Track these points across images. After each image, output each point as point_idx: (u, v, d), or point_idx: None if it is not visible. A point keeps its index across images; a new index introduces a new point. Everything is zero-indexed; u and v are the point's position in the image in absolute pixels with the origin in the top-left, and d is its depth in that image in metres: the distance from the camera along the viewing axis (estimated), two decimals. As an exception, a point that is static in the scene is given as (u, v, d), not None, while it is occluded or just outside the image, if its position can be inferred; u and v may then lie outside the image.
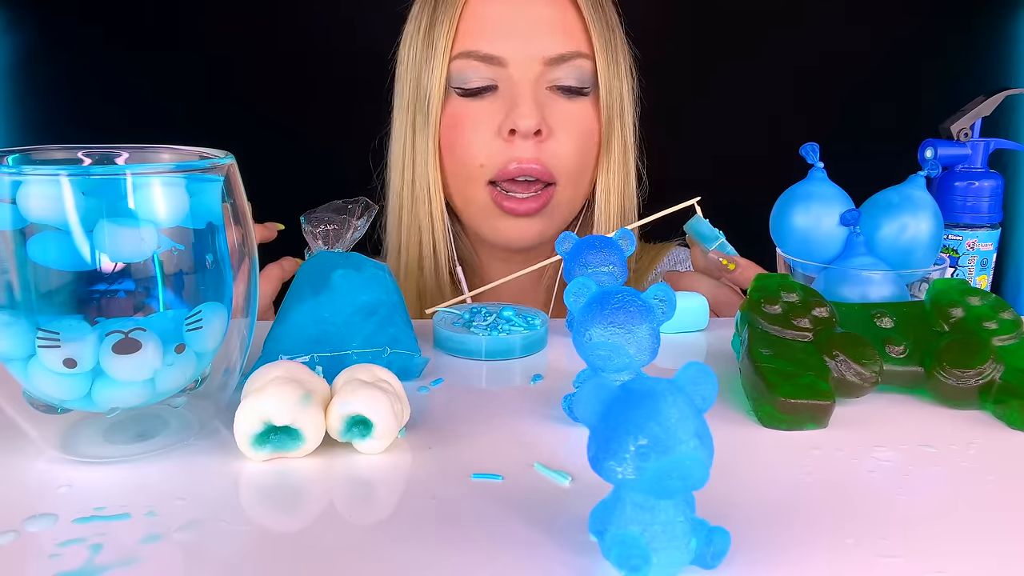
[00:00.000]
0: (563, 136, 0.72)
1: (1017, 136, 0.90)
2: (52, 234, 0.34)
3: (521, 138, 0.70)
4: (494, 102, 0.72)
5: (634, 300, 0.36)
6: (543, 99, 0.72)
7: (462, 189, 0.75)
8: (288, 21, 1.12)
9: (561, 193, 0.74)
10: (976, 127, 0.73)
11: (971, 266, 0.73)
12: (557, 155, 0.72)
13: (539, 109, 0.70)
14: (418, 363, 0.49)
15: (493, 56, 0.71)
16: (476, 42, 0.71)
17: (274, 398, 0.37)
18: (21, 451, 0.38)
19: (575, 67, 0.72)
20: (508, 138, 0.71)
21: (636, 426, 0.26)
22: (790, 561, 0.31)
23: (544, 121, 0.71)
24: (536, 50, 0.71)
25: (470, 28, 0.71)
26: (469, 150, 0.72)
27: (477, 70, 0.71)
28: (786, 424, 0.42)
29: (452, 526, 0.33)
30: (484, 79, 0.72)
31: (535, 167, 0.71)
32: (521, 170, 0.71)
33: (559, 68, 0.72)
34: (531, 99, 0.70)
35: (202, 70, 1.10)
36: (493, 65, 0.71)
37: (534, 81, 0.71)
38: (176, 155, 0.41)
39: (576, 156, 0.73)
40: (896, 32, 1.10)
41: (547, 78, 0.72)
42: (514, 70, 0.71)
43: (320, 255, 0.51)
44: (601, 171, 0.76)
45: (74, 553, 0.30)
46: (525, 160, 0.71)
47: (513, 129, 0.70)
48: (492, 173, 0.72)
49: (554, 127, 0.72)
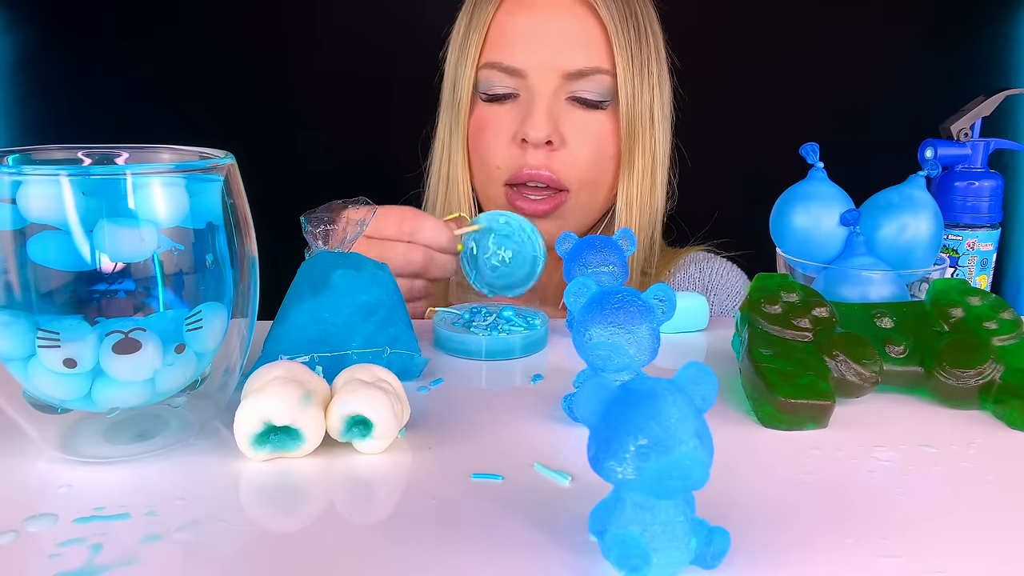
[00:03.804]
0: (576, 146, 0.75)
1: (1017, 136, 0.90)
2: (52, 234, 0.34)
3: (532, 147, 0.73)
4: (513, 109, 0.75)
5: (634, 300, 0.36)
6: (559, 110, 0.74)
7: (484, 187, 0.79)
8: (288, 21, 1.12)
9: (574, 199, 0.76)
10: (976, 127, 0.73)
11: (971, 266, 0.73)
12: (568, 164, 0.74)
13: (551, 120, 0.73)
14: (418, 363, 0.49)
15: (514, 68, 0.74)
16: (500, 53, 0.75)
17: (274, 398, 0.37)
18: (21, 451, 0.38)
19: (595, 82, 0.74)
20: (522, 145, 0.74)
21: (636, 426, 0.26)
22: (790, 561, 0.31)
23: (557, 131, 0.73)
24: (556, 64, 0.73)
25: (496, 39, 0.75)
26: (489, 153, 0.76)
27: (500, 79, 0.75)
28: (786, 424, 0.42)
29: (452, 526, 0.33)
30: (506, 88, 0.75)
31: (544, 174, 0.74)
32: (531, 176, 0.74)
33: (578, 82, 0.74)
34: (544, 110, 0.73)
35: (202, 70, 1.10)
36: (515, 76, 0.74)
37: (552, 93, 0.74)
38: (176, 155, 0.41)
39: (589, 166, 0.75)
40: (896, 32, 1.10)
41: (566, 90, 0.74)
42: (533, 81, 0.74)
43: (320, 255, 0.51)
44: (622, 182, 0.77)
45: (74, 553, 0.30)
46: (535, 167, 0.74)
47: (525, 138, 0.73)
48: (507, 176, 0.76)
49: (567, 137, 0.74)
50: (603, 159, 0.76)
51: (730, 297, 0.82)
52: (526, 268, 0.62)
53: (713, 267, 0.84)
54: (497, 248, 0.62)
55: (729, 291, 0.82)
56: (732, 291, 0.83)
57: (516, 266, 0.62)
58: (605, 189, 0.78)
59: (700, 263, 0.85)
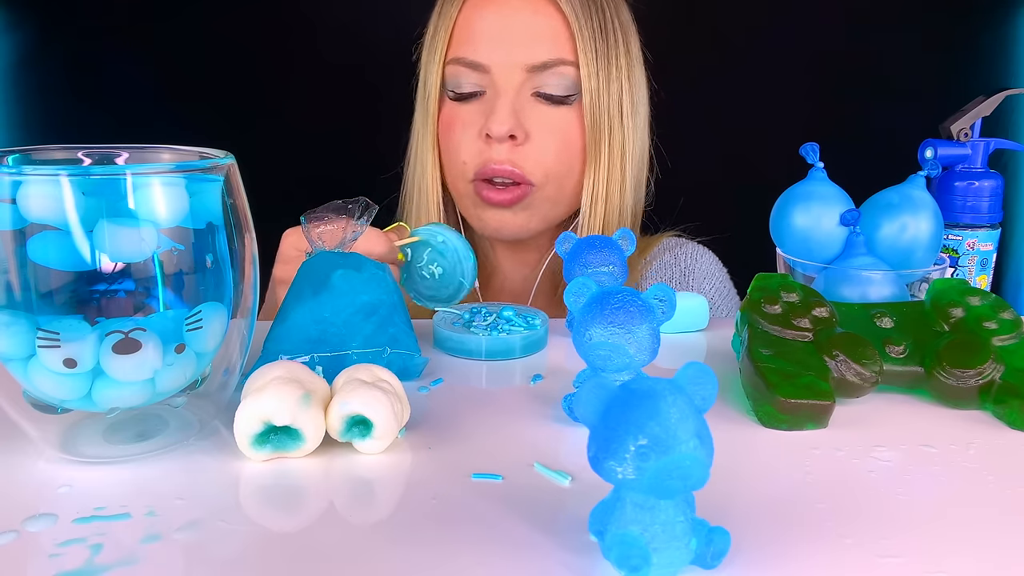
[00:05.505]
0: (540, 141, 0.75)
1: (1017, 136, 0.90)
2: (52, 234, 0.34)
3: (497, 141, 0.74)
4: (480, 106, 0.76)
5: (634, 300, 0.36)
6: (524, 105, 0.74)
7: (454, 183, 0.80)
8: (289, 21, 1.12)
9: (539, 192, 0.76)
10: (976, 127, 0.73)
11: (971, 266, 0.73)
12: (532, 159, 0.75)
13: (514, 115, 0.74)
14: (418, 363, 0.49)
15: (478, 63, 0.74)
16: (464, 49, 0.75)
17: (274, 398, 0.37)
18: (21, 451, 0.38)
19: (558, 74, 0.74)
20: (487, 141, 0.75)
21: (636, 426, 0.26)
22: (790, 561, 0.31)
23: (520, 126, 0.74)
24: (519, 58, 0.74)
25: (461, 36, 0.76)
26: (456, 150, 0.77)
27: (466, 76, 0.75)
28: (786, 424, 0.42)
29: (452, 526, 0.33)
30: (472, 85, 0.76)
31: (507, 168, 0.74)
32: (495, 171, 0.75)
33: (542, 75, 0.74)
34: (507, 106, 0.73)
35: (203, 70, 1.10)
36: (479, 72, 0.75)
37: (516, 88, 0.74)
38: (176, 155, 0.41)
39: (555, 160, 0.76)
40: (896, 32, 1.10)
41: (530, 85, 0.74)
42: (497, 76, 0.74)
43: (320, 255, 0.51)
44: (588, 176, 0.77)
45: (74, 553, 0.30)
46: (499, 162, 0.74)
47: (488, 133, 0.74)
48: (473, 171, 0.76)
49: (532, 132, 0.75)
50: (568, 153, 0.76)
51: (707, 280, 0.82)
52: (451, 289, 0.63)
53: (687, 251, 0.84)
54: (429, 263, 0.63)
55: (705, 274, 0.83)
56: (708, 274, 0.83)
57: (443, 284, 0.63)
58: (572, 183, 0.78)
59: (673, 249, 0.85)
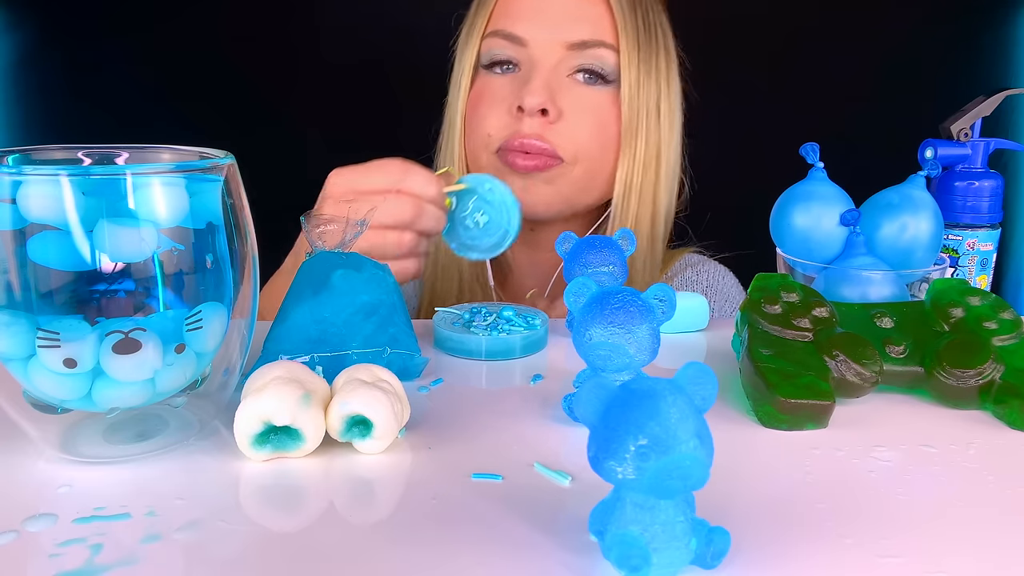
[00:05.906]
0: (574, 119, 0.74)
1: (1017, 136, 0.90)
2: (52, 234, 0.34)
3: (528, 115, 0.72)
4: (513, 80, 0.75)
5: (634, 300, 0.36)
6: (560, 83, 0.74)
7: (475, 157, 0.78)
8: (289, 21, 1.12)
9: (569, 169, 0.75)
10: (976, 127, 0.73)
11: (971, 266, 0.73)
12: (564, 136, 0.73)
13: (548, 90, 0.73)
14: (418, 363, 0.49)
15: (516, 36, 0.74)
16: (504, 22, 0.75)
17: (274, 398, 0.37)
18: (21, 451, 0.38)
19: (596, 56, 0.74)
20: (517, 114, 0.73)
21: (636, 426, 0.26)
22: (790, 561, 0.31)
23: (553, 102, 0.73)
24: (559, 35, 0.73)
25: (502, 10, 0.76)
26: (482, 122, 0.76)
27: (503, 48, 0.75)
28: (786, 424, 0.42)
29: (452, 526, 0.33)
30: (507, 57, 0.75)
31: (536, 143, 0.73)
32: (522, 144, 0.73)
33: (581, 55, 0.74)
34: (543, 80, 0.73)
35: (203, 70, 1.10)
36: (516, 45, 0.75)
37: (554, 65, 0.74)
38: (176, 155, 0.41)
39: (587, 140, 0.74)
40: (896, 32, 1.10)
41: (568, 64, 0.74)
42: (535, 51, 0.74)
43: (320, 255, 0.51)
44: (622, 166, 0.77)
45: (74, 553, 0.30)
46: (527, 135, 0.73)
47: (520, 106, 0.72)
48: (498, 143, 0.75)
49: (565, 110, 0.73)
50: (603, 136, 0.75)
51: (728, 303, 0.82)
52: (495, 238, 0.62)
53: (708, 271, 0.84)
54: (475, 210, 0.62)
55: (727, 296, 0.82)
56: (729, 297, 0.83)
57: (486, 233, 0.62)
58: (603, 172, 0.77)
59: (696, 267, 0.84)
